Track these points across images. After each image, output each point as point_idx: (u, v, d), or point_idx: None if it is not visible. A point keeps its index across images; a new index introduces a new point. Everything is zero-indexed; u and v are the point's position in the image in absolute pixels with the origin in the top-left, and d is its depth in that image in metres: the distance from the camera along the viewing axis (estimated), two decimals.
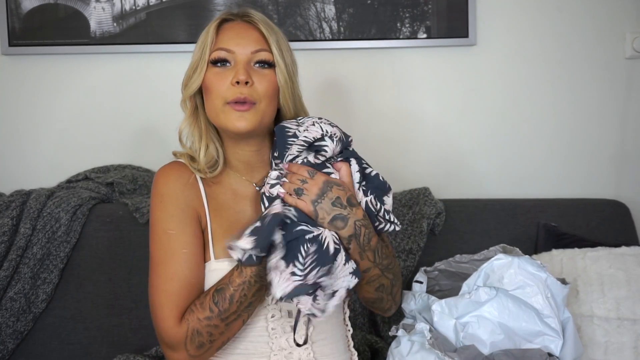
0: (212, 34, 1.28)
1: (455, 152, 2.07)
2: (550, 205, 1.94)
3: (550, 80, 2.05)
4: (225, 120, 1.26)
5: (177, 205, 1.25)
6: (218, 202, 1.30)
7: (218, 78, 1.26)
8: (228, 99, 1.25)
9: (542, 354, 1.35)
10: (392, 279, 1.32)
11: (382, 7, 2.01)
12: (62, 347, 1.78)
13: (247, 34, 1.28)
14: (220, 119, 1.27)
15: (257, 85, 1.26)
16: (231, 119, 1.25)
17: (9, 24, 1.99)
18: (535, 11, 2.04)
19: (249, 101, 1.24)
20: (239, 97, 1.24)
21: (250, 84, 1.25)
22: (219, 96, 1.26)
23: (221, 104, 1.26)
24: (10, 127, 2.04)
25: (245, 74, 1.24)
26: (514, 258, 1.41)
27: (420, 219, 1.85)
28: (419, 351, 1.36)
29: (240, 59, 1.26)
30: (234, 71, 1.25)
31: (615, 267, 1.63)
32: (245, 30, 1.28)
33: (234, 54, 1.26)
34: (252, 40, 1.27)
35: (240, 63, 1.26)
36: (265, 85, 1.27)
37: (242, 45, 1.27)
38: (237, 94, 1.24)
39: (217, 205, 1.29)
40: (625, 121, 2.07)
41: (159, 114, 2.04)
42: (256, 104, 1.26)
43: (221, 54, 1.27)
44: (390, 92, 2.06)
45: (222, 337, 1.22)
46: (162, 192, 1.26)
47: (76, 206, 1.82)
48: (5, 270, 1.75)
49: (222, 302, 1.19)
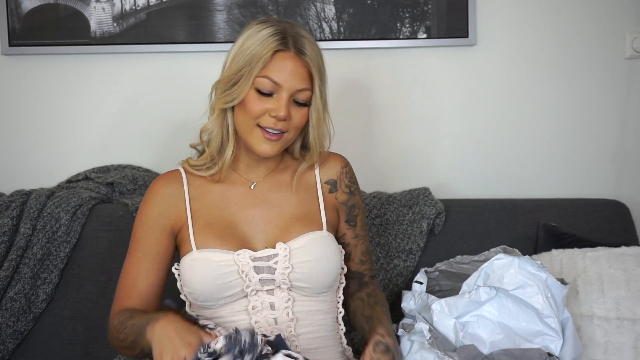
0: (266, 58, 1.29)
1: (455, 152, 2.07)
2: (550, 205, 1.94)
3: (550, 80, 2.05)
4: (252, 141, 1.34)
5: (149, 214, 1.39)
6: (203, 203, 1.40)
7: (258, 103, 1.31)
8: (262, 124, 1.32)
9: (541, 353, 1.35)
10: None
11: (382, 7, 2.01)
12: (62, 347, 1.78)
13: (297, 72, 1.31)
14: (247, 137, 1.34)
15: (293, 119, 1.33)
16: (259, 142, 1.33)
17: (9, 24, 1.99)
18: (535, 11, 2.04)
19: (282, 131, 1.32)
20: (276, 128, 1.31)
21: (288, 119, 1.32)
22: (254, 118, 1.32)
23: (253, 125, 1.33)
24: (10, 127, 2.04)
25: (286, 112, 1.30)
26: (514, 258, 1.41)
27: (420, 219, 1.85)
28: (418, 351, 1.36)
29: (284, 95, 1.31)
30: (276, 103, 1.30)
31: (615, 267, 1.63)
32: (296, 67, 1.31)
33: (280, 88, 1.31)
34: (300, 78, 1.32)
35: (283, 99, 1.30)
36: (299, 120, 1.34)
37: (290, 82, 1.31)
38: (272, 125, 1.31)
39: (201, 206, 1.40)
40: (625, 121, 2.07)
41: (159, 113, 2.04)
42: (285, 134, 1.34)
43: (267, 87, 1.31)
44: (390, 92, 2.05)
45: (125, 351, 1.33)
46: (145, 200, 1.41)
47: (76, 206, 1.82)
48: (6, 270, 1.75)
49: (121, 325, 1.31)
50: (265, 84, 1.30)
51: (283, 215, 1.39)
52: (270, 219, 1.38)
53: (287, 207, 1.40)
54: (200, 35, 2.00)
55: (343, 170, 1.47)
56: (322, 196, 1.44)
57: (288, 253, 1.34)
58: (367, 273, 1.50)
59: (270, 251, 1.35)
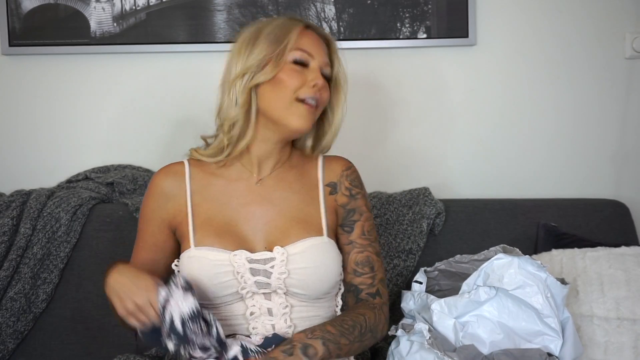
0: (295, 34, 1.35)
1: (455, 152, 2.07)
2: (550, 205, 1.94)
3: (550, 80, 2.05)
4: (290, 117, 1.34)
5: (148, 206, 1.41)
6: (204, 196, 1.39)
7: (296, 75, 1.34)
8: (301, 96, 1.34)
9: (541, 353, 1.35)
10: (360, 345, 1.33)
11: (382, 7, 2.01)
12: (62, 347, 1.78)
13: (322, 46, 1.39)
14: (284, 115, 1.35)
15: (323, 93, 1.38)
16: (296, 116, 1.34)
17: (9, 24, 1.99)
18: (535, 11, 2.04)
19: (318, 102, 1.36)
20: (315, 97, 1.35)
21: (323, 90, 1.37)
22: (294, 91, 1.34)
23: (292, 99, 1.34)
24: (10, 127, 2.05)
25: (323, 80, 1.36)
26: (514, 258, 1.40)
27: (420, 219, 1.85)
28: (418, 351, 1.36)
29: (317, 65, 1.37)
30: (313, 74, 1.35)
31: (615, 267, 1.63)
32: (320, 41, 1.39)
33: (313, 59, 1.36)
34: (324, 53, 1.39)
35: (317, 70, 1.36)
36: (327, 96, 1.39)
37: (320, 54, 1.37)
38: (313, 94, 1.35)
39: (202, 199, 1.39)
40: (625, 121, 2.07)
41: (159, 113, 2.04)
42: (317, 108, 1.38)
43: (304, 56, 1.36)
44: (390, 92, 2.05)
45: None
46: (146, 192, 1.43)
47: (76, 206, 1.82)
48: (6, 270, 1.75)
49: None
50: (301, 55, 1.35)
51: (283, 216, 1.37)
52: (270, 218, 1.37)
53: (288, 208, 1.39)
54: (200, 35, 2.00)
55: (344, 173, 1.45)
56: (323, 198, 1.42)
57: (285, 258, 1.32)
58: (363, 288, 1.40)
59: (267, 254, 1.33)
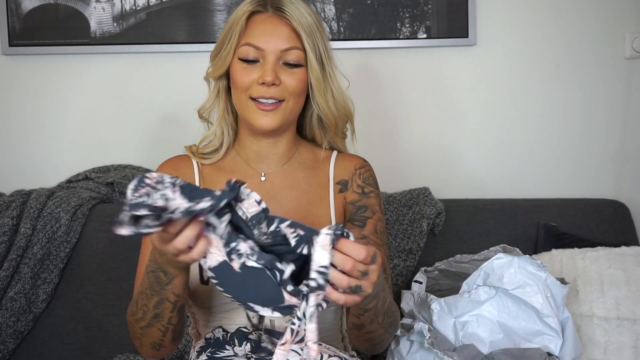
0: (241, 24, 1.22)
1: (455, 152, 2.07)
2: (550, 205, 1.94)
3: (550, 80, 2.05)
4: (249, 116, 1.23)
5: None
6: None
7: (244, 73, 1.22)
8: (253, 95, 1.22)
9: (541, 353, 1.35)
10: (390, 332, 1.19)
11: (382, 7, 2.01)
12: (62, 347, 1.78)
13: (278, 31, 1.21)
14: (244, 113, 1.25)
15: (285, 84, 1.22)
16: (255, 116, 1.22)
17: (9, 24, 1.99)
18: (535, 11, 2.04)
19: (276, 98, 1.21)
20: (264, 97, 1.21)
21: (277, 84, 1.21)
22: (244, 91, 1.23)
23: (246, 99, 1.23)
24: (10, 127, 2.04)
25: (273, 75, 1.20)
26: (514, 257, 1.41)
27: (420, 219, 1.85)
28: (418, 351, 1.37)
29: (269, 57, 1.21)
30: (262, 69, 1.21)
31: (615, 267, 1.63)
32: (275, 25, 1.22)
33: (263, 52, 1.21)
34: (283, 37, 1.21)
35: (268, 63, 1.21)
36: (294, 84, 1.22)
37: (272, 43, 1.21)
38: (262, 94, 1.21)
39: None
40: (625, 121, 2.07)
41: (159, 113, 2.04)
42: (282, 102, 1.23)
43: (250, 53, 1.22)
44: (390, 92, 2.05)
45: (142, 339, 1.15)
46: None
47: (76, 206, 1.82)
48: (6, 270, 1.75)
49: (132, 303, 1.15)
50: (247, 51, 1.22)
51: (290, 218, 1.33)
52: None
53: (295, 209, 1.29)
54: (200, 35, 2.00)
55: (357, 171, 1.34)
56: (332, 198, 1.32)
57: None
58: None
59: None
